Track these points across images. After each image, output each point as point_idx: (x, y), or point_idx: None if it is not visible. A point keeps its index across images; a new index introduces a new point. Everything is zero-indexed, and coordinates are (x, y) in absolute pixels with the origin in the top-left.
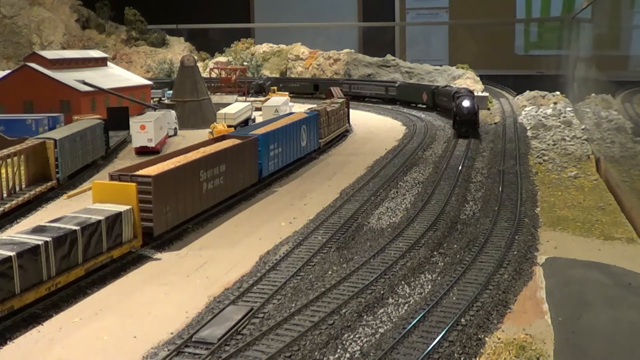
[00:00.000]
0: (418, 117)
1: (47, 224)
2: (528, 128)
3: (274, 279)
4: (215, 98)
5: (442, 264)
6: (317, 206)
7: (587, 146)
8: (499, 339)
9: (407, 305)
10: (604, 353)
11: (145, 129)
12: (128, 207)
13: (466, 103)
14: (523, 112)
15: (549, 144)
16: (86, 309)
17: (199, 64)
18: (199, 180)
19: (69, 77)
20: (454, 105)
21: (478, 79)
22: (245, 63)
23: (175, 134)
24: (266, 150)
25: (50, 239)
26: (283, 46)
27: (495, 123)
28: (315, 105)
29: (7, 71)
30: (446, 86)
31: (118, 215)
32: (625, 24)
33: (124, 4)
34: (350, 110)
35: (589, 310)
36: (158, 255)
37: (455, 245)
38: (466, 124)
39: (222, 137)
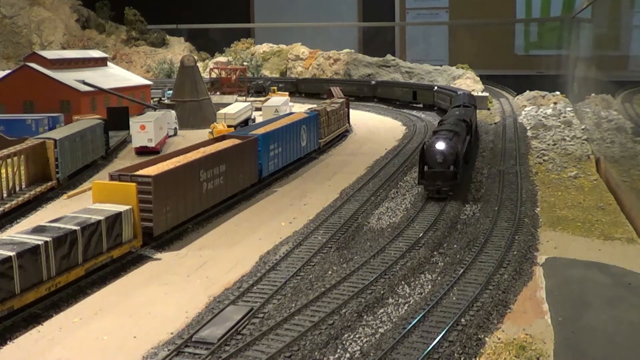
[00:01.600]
0: (418, 117)
1: (47, 224)
2: (528, 128)
3: (274, 279)
4: (215, 98)
5: (442, 264)
6: (317, 206)
7: (587, 146)
8: (499, 339)
9: (407, 305)
10: (604, 353)
11: (145, 129)
12: (128, 207)
13: (440, 145)
14: (523, 112)
15: (549, 144)
16: (86, 309)
17: (199, 64)
18: (199, 180)
19: (69, 77)
20: (424, 145)
21: (478, 79)
22: (245, 63)
23: (175, 134)
24: (266, 150)
25: (50, 239)
26: (283, 46)
27: (495, 123)
28: (315, 105)
29: (7, 71)
30: (457, 105)
31: (118, 215)
32: (625, 24)
33: (124, 4)
34: (350, 110)
35: (589, 310)
36: (158, 255)
37: (455, 245)
38: (439, 178)
39: (222, 137)
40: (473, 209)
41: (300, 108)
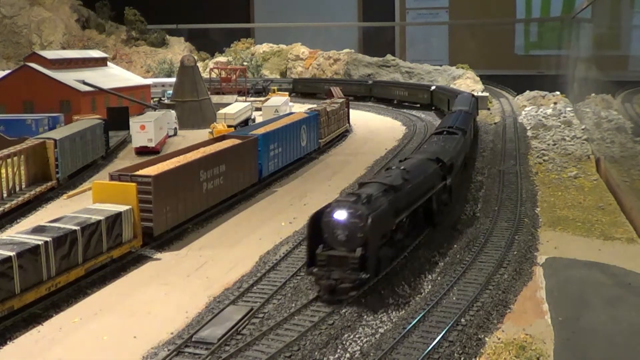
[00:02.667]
0: (418, 117)
1: (47, 224)
2: (528, 128)
3: (274, 279)
4: (215, 98)
5: (442, 264)
6: (317, 206)
7: (587, 146)
8: (499, 339)
9: (407, 305)
10: (604, 353)
11: (145, 129)
12: (128, 207)
13: (341, 213)
14: (523, 112)
15: (549, 144)
16: (86, 309)
17: (199, 64)
18: (199, 180)
19: (69, 77)
20: (320, 212)
21: (478, 79)
22: (245, 63)
23: (175, 134)
24: (266, 150)
25: (50, 239)
26: (283, 46)
27: (495, 123)
28: (315, 105)
29: (7, 71)
30: (440, 131)
31: (118, 215)
32: (625, 24)
33: (124, 4)
34: (350, 110)
35: (589, 310)
36: (158, 255)
37: (455, 245)
38: (338, 267)
39: (222, 137)
40: (473, 209)
41: (300, 108)
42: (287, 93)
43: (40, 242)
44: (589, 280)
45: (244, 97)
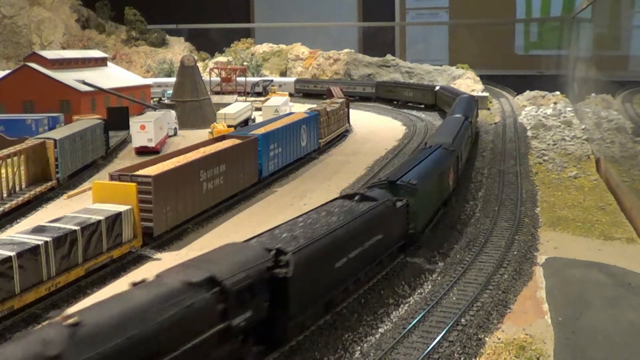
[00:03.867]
0: (418, 117)
1: (47, 224)
2: (528, 128)
3: None
4: (215, 98)
5: (442, 264)
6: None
7: (587, 146)
8: (499, 339)
9: (407, 305)
10: (604, 353)
11: (145, 129)
12: (128, 207)
13: None
14: (523, 112)
15: (549, 144)
16: None
17: (199, 64)
18: (199, 180)
19: (69, 77)
20: None
21: (478, 79)
22: (245, 63)
23: (175, 134)
24: (266, 150)
25: (50, 239)
26: (283, 46)
27: (495, 123)
28: (315, 105)
29: (7, 71)
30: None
31: (118, 215)
32: (625, 24)
33: (124, 4)
34: (350, 110)
35: (589, 310)
36: (158, 255)
37: (455, 245)
38: None
39: (222, 137)
40: (473, 208)
41: (300, 108)
42: (287, 93)
43: (40, 242)
44: (589, 280)
45: (244, 97)
